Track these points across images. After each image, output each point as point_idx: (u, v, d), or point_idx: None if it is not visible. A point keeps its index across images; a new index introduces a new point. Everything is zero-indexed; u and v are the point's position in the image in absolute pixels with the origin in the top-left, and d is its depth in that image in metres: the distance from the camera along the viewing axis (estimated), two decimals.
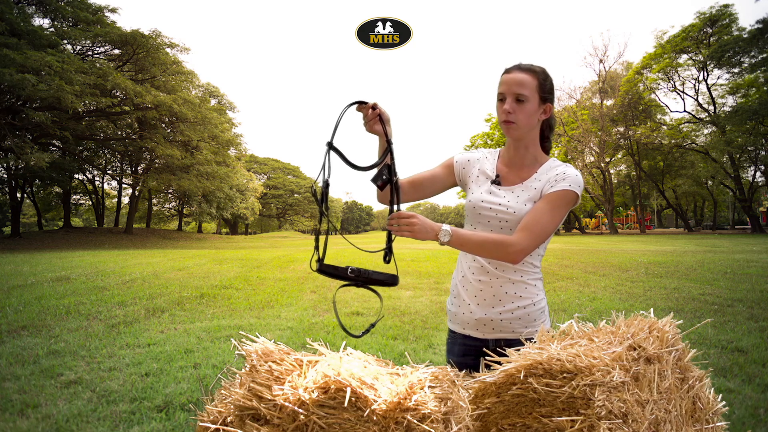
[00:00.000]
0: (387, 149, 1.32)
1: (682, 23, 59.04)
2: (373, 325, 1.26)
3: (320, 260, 1.18)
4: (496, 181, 1.42)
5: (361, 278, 1.19)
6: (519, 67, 1.36)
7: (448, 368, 1.06)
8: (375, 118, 1.32)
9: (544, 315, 1.40)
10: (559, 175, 1.35)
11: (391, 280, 1.22)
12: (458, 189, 1.62)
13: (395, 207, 1.27)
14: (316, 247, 1.19)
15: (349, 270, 1.19)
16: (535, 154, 1.43)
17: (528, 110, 1.34)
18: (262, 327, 4.95)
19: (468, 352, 1.41)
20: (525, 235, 1.28)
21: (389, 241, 1.28)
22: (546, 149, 1.47)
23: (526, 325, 1.36)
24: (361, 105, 1.32)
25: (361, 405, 0.81)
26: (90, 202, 38.03)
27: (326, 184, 1.18)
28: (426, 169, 1.53)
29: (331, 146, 1.19)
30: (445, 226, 1.24)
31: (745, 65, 28.59)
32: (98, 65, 21.97)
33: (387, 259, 1.27)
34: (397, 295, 6.81)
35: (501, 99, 1.36)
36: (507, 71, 1.37)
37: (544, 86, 1.36)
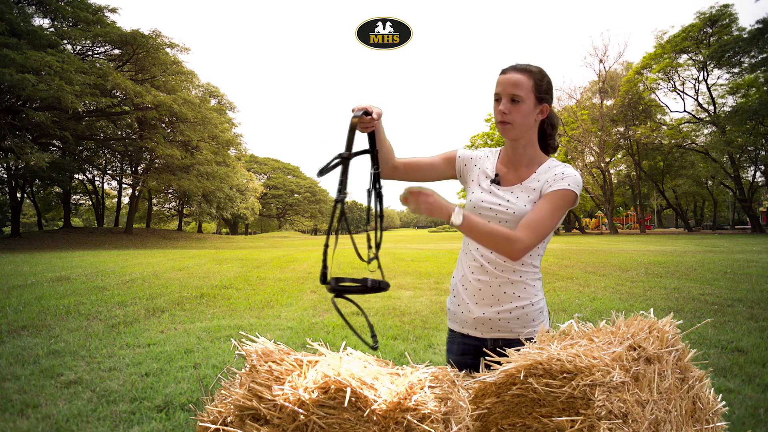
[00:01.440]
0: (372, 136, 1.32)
1: (682, 23, 59.10)
2: (374, 336, 1.29)
3: (336, 288, 1.18)
4: (496, 181, 1.43)
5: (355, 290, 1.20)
6: (515, 68, 1.36)
7: (448, 368, 1.06)
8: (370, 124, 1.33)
9: (542, 315, 1.40)
10: (558, 174, 1.36)
11: (378, 287, 1.22)
12: (459, 189, 1.63)
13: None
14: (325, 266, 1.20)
15: (369, 282, 1.19)
16: (533, 154, 1.43)
17: (523, 111, 1.34)
18: (262, 327, 4.95)
19: (466, 351, 1.42)
20: (528, 233, 1.28)
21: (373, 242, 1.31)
22: (552, 148, 1.48)
23: (524, 326, 1.36)
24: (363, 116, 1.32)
25: (361, 405, 0.81)
26: (90, 202, 38.04)
27: (341, 201, 1.19)
28: (425, 155, 1.54)
29: (343, 158, 1.20)
30: (459, 208, 1.24)
31: (745, 65, 28.59)
32: (98, 65, 21.97)
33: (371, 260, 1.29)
34: (397, 295, 6.81)
35: (497, 99, 1.37)
36: (503, 72, 1.37)
37: (540, 86, 1.36)
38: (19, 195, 27.29)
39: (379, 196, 1.33)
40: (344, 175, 1.20)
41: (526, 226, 1.29)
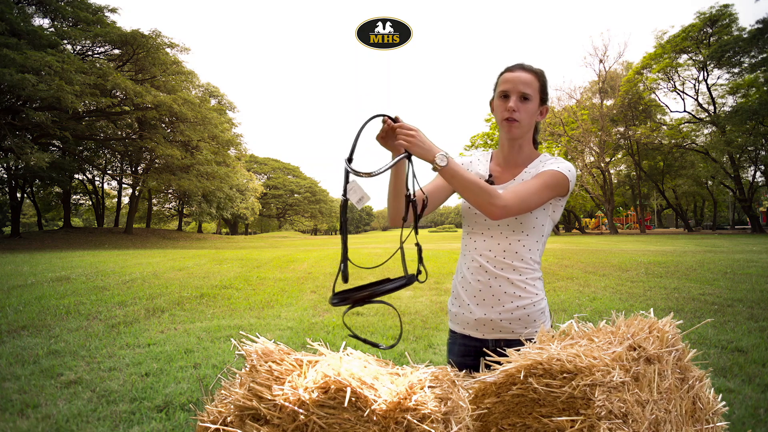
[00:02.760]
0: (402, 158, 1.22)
1: (682, 23, 59.18)
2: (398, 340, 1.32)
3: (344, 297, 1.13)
4: (490, 181, 1.43)
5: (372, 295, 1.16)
6: (522, 67, 1.37)
7: (448, 368, 1.06)
8: (391, 132, 1.25)
9: (544, 316, 1.39)
10: (550, 161, 1.39)
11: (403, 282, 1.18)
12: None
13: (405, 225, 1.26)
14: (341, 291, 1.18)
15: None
16: (529, 153, 1.45)
17: (531, 109, 1.36)
18: (262, 327, 4.95)
19: (468, 353, 1.42)
20: (511, 195, 1.25)
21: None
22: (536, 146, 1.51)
23: (526, 326, 1.36)
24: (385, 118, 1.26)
25: (361, 405, 0.81)
26: (90, 202, 38.04)
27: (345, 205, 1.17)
28: (427, 183, 1.47)
29: (350, 166, 1.17)
30: (444, 152, 1.18)
31: (745, 65, 28.57)
32: (98, 65, 21.96)
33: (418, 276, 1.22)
34: (397, 295, 6.81)
35: (504, 96, 1.36)
36: (510, 70, 1.37)
37: (544, 88, 1.39)
38: (19, 195, 27.29)
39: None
40: (346, 178, 1.18)
41: (511, 190, 1.27)
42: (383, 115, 1.24)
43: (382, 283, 1.15)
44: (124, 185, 34.27)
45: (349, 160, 1.17)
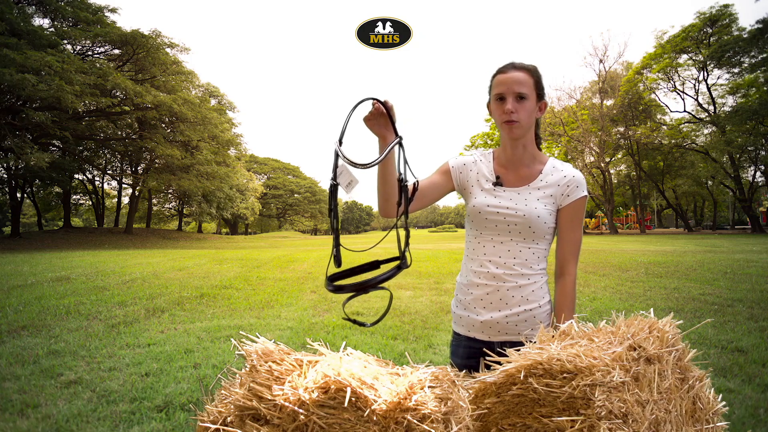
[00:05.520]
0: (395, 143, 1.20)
1: (682, 23, 59.23)
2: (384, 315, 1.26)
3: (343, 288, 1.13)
4: (498, 183, 1.41)
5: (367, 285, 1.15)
6: (514, 66, 1.35)
7: (448, 368, 1.06)
8: (380, 115, 1.25)
9: (549, 318, 1.40)
10: (570, 182, 1.38)
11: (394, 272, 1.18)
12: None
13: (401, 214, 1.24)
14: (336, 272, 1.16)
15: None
16: (533, 153, 1.42)
17: (528, 108, 1.34)
18: (262, 327, 4.95)
19: (473, 355, 1.40)
20: (574, 261, 1.39)
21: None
22: (539, 141, 1.49)
23: (532, 327, 1.36)
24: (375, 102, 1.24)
25: (361, 405, 0.81)
26: (90, 202, 38.05)
27: (335, 187, 1.14)
28: (423, 178, 1.47)
29: (339, 151, 1.14)
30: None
31: (745, 65, 28.59)
32: (98, 65, 21.97)
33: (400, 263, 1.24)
34: (398, 295, 6.81)
35: (500, 99, 1.35)
36: (502, 71, 1.36)
37: (539, 83, 1.37)
38: (19, 195, 27.29)
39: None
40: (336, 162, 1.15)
41: (573, 256, 1.39)
42: (372, 99, 1.22)
43: (372, 266, 1.16)
44: (124, 185, 34.30)
45: (340, 142, 1.12)
